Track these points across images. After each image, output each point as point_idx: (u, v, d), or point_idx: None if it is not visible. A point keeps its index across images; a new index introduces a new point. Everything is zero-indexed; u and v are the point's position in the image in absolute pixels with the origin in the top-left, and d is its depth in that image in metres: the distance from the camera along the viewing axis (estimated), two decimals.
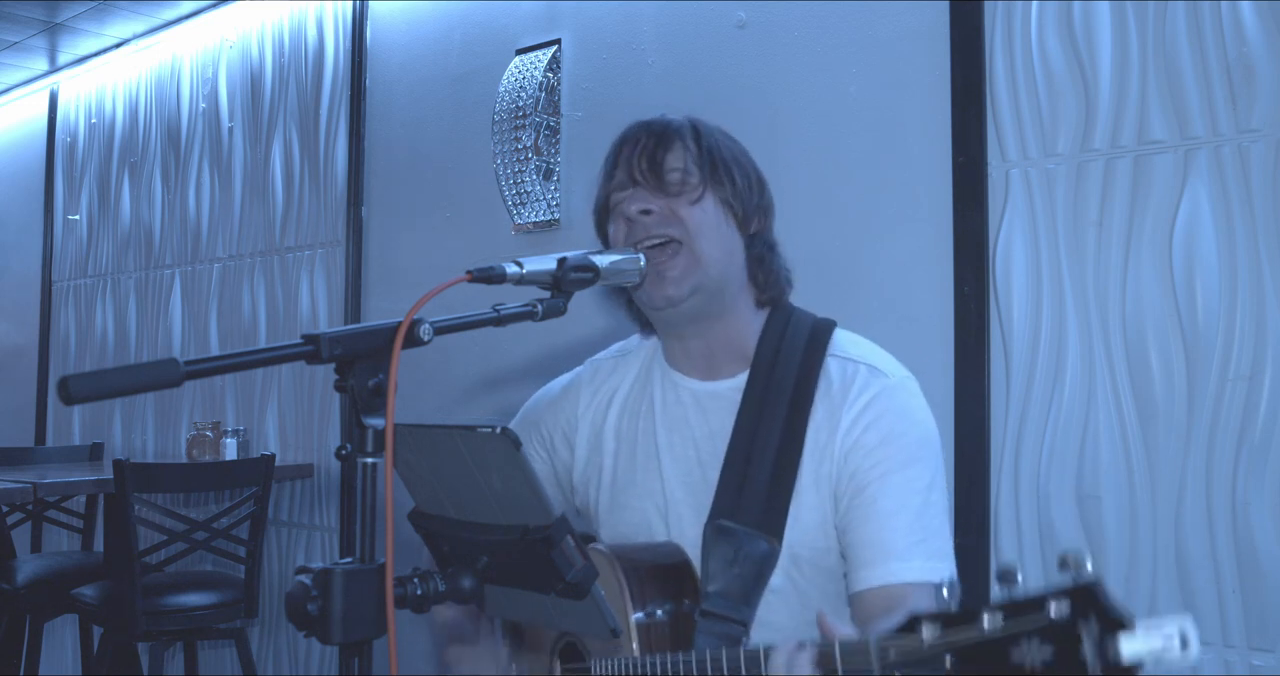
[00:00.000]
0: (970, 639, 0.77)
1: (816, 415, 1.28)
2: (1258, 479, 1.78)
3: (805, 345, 1.32)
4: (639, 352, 1.48)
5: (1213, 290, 1.84)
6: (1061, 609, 0.71)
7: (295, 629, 0.90)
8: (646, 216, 1.28)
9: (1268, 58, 1.80)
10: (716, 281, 1.29)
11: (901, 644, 0.83)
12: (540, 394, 1.55)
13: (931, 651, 0.79)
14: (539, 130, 2.85)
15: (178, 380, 0.83)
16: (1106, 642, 0.68)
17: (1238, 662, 1.77)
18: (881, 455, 1.24)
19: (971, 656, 0.77)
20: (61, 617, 3.78)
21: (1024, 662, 0.72)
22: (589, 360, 1.54)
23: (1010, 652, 0.74)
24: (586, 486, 1.45)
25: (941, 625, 0.79)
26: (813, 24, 2.37)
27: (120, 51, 4.37)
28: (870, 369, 1.30)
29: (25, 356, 4.85)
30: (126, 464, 2.78)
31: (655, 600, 1.21)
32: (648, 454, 1.38)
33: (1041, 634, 0.72)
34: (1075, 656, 0.70)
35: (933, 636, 0.80)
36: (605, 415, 1.44)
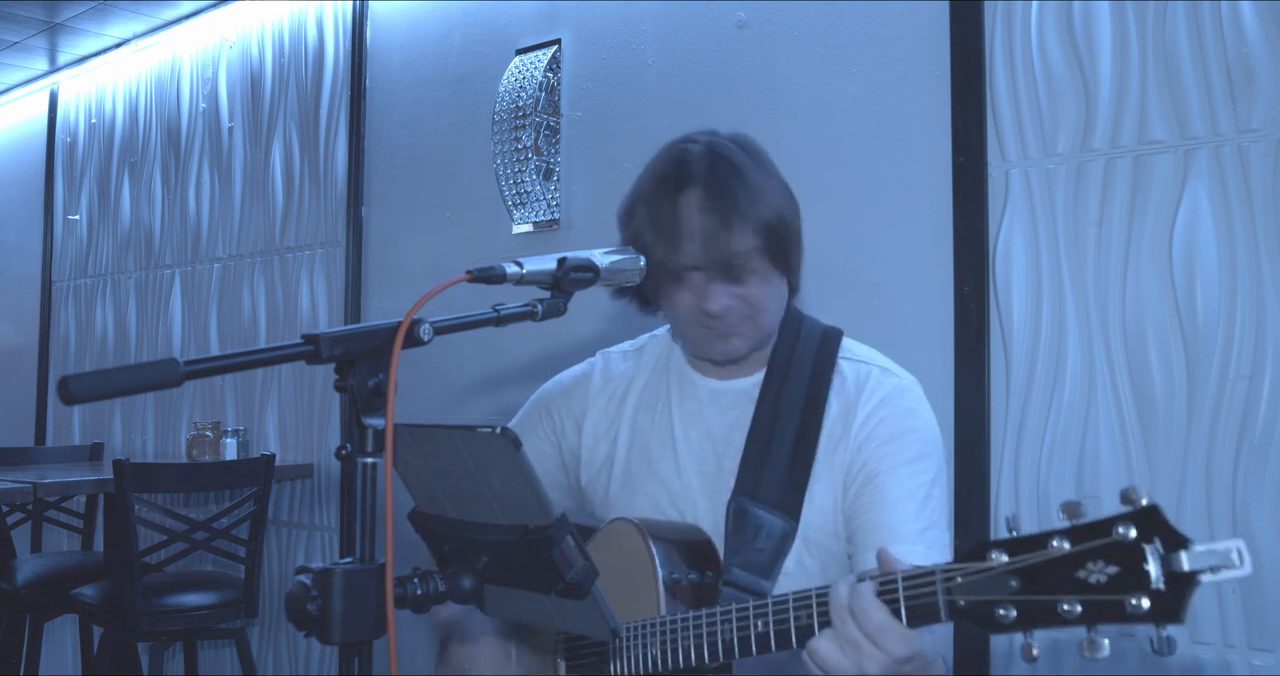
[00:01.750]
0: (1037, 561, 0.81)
1: (832, 409, 1.35)
2: (1258, 479, 1.78)
3: (818, 348, 1.40)
4: (653, 348, 1.52)
5: (1213, 290, 1.84)
6: (1128, 530, 0.76)
7: (295, 629, 0.90)
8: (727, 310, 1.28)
9: (1268, 58, 1.80)
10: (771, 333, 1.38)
11: (968, 569, 0.86)
12: (552, 382, 1.59)
13: (998, 575, 0.83)
14: (539, 130, 2.85)
15: (178, 380, 0.83)
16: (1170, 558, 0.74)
17: (1238, 662, 1.77)
18: (892, 448, 1.31)
19: (1037, 578, 0.81)
20: (61, 617, 3.78)
21: (1089, 580, 0.77)
22: (601, 351, 1.58)
23: (1075, 572, 0.78)
24: (595, 472, 1.50)
25: (1008, 550, 0.83)
26: (813, 24, 2.37)
27: (120, 51, 4.38)
28: (882, 370, 1.39)
29: (25, 356, 4.85)
30: (126, 464, 2.78)
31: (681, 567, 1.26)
32: (663, 445, 1.43)
33: (1107, 553, 0.77)
34: (1139, 571, 0.75)
35: (1000, 561, 0.84)
36: (621, 406, 1.49)
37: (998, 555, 0.84)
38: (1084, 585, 0.78)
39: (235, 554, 3.02)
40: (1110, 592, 0.76)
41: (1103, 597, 0.77)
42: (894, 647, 0.94)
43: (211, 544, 2.99)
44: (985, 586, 0.85)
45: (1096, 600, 0.77)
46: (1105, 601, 0.77)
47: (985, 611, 0.84)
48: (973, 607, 0.86)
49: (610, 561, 1.28)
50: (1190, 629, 1.82)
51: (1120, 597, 0.76)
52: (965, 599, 0.87)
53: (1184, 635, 1.82)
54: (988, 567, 0.84)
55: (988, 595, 0.84)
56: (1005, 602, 0.83)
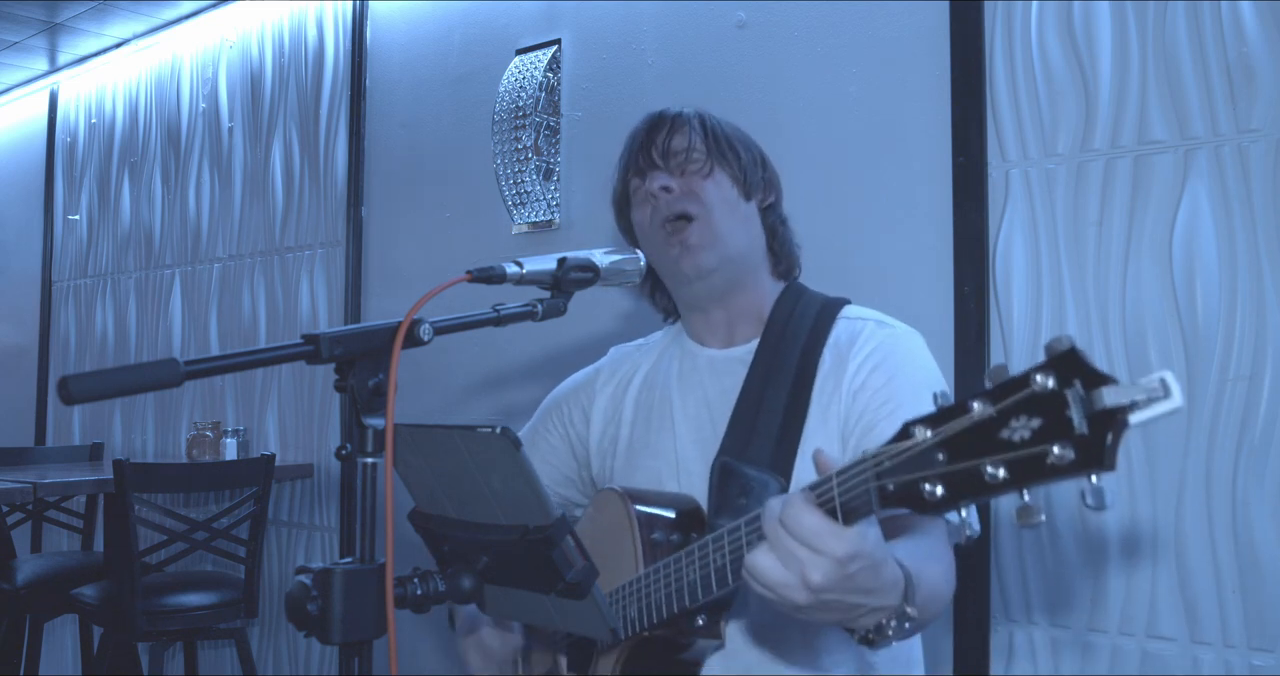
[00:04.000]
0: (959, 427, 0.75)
1: (824, 363, 1.34)
2: (1258, 479, 1.78)
3: (817, 312, 1.40)
4: (662, 339, 1.57)
5: (1213, 290, 1.84)
6: (1046, 379, 0.70)
7: (295, 629, 0.90)
8: (667, 193, 1.37)
9: (1268, 58, 1.80)
10: (739, 252, 1.39)
11: (894, 449, 0.81)
12: (565, 382, 1.63)
13: (924, 449, 0.78)
14: (539, 130, 2.85)
15: (178, 380, 0.83)
16: (1091, 397, 0.68)
17: (1238, 662, 1.77)
18: (888, 394, 1.28)
19: (962, 446, 0.75)
20: (61, 617, 3.79)
21: (1013, 438, 0.71)
22: (613, 347, 1.63)
23: (999, 432, 0.72)
24: (603, 455, 1.52)
25: (931, 424, 0.78)
26: (813, 24, 2.37)
27: (120, 51, 4.37)
28: (878, 322, 1.38)
29: (25, 356, 4.85)
30: (126, 464, 2.78)
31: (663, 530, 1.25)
32: (663, 417, 1.44)
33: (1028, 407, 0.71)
34: (1062, 418, 0.69)
35: (924, 436, 0.78)
36: (626, 390, 1.52)
37: (922, 431, 0.78)
38: (1007, 444, 0.71)
39: (235, 554, 3.02)
40: (1033, 446, 0.70)
41: (1025, 453, 0.70)
42: (833, 548, 0.87)
43: (211, 544, 2.99)
44: (913, 465, 0.79)
45: (1019, 457, 0.71)
46: (1028, 456, 0.70)
47: (914, 491, 0.79)
48: (900, 489, 0.80)
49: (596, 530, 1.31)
50: (1190, 628, 1.82)
51: (1043, 449, 0.69)
52: (893, 481, 0.81)
53: (1183, 633, 1.83)
54: (914, 445, 0.79)
55: (915, 473, 0.78)
56: (932, 478, 0.77)
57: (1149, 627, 1.86)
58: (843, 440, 1.30)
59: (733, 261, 1.39)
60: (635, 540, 1.23)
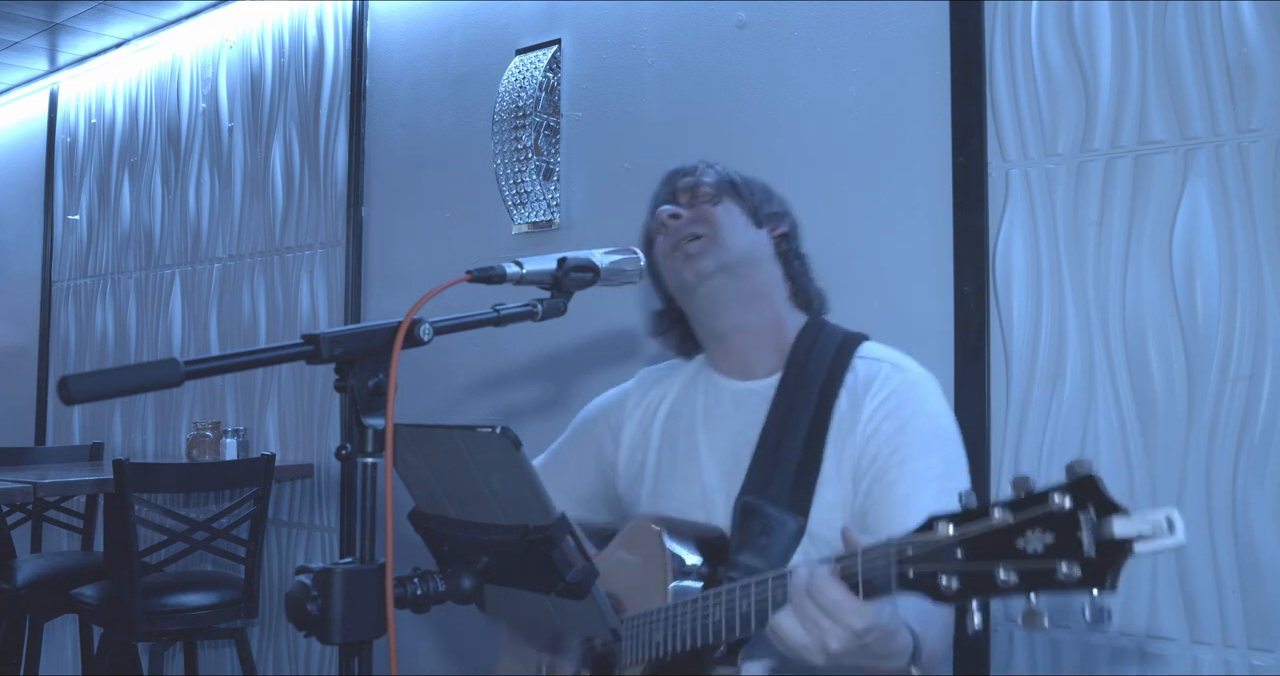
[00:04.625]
0: (980, 530, 0.84)
1: (841, 404, 1.38)
2: (1258, 479, 1.78)
3: (836, 349, 1.44)
4: (688, 367, 1.61)
5: (1213, 290, 1.84)
6: (1063, 500, 0.78)
7: (295, 629, 0.90)
8: (676, 220, 1.46)
9: (1268, 58, 1.80)
10: (741, 258, 1.44)
11: (918, 540, 0.89)
12: (596, 401, 1.69)
13: (945, 545, 0.87)
14: (539, 130, 2.85)
15: (178, 380, 0.83)
16: (1102, 525, 0.76)
17: (1238, 662, 1.77)
18: (899, 442, 1.32)
19: (980, 547, 0.84)
20: (61, 617, 3.78)
21: (1026, 549, 0.80)
22: (642, 370, 1.68)
23: (1015, 541, 0.81)
24: (630, 478, 1.57)
25: (955, 522, 0.87)
26: (813, 24, 2.37)
27: (120, 51, 4.37)
28: (894, 365, 1.41)
29: (25, 356, 4.85)
30: (126, 464, 2.78)
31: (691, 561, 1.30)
32: (689, 447, 1.49)
33: (1044, 522, 0.79)
34: (1072, 539, 0.77)
35: (946, 532, 0.87)
36: (654, 416, 1.57)
37: (944, 527, 0.87)
38: (1021, 554, 0.80)
39: (235, 554, 3.02)
40: (1044, 560, 0.78)
41: (1036, 565, 0.79)
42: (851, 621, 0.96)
43: (211, 544, 2.99)
44: (933, 557, 0.87)
45: (1031, 568, 0.79)
46: (1038, 569, 0.79)
47: (930, 581, 0.87)
48: (919, 577, 0.89)
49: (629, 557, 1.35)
50: (1190, 628, 1.82)
51: (1053, 564, 0.78)
52: (914, 569, 0.89)
53: (1183, 633, 1.83)
54: (936, 539, 0.87)
55: (934, 565, 0.87)
56: (949, 572, 0.86)
57: (1149, 627, 1.86)
58: (854, 483, 1.34)
59: (734, 268, 1.43)
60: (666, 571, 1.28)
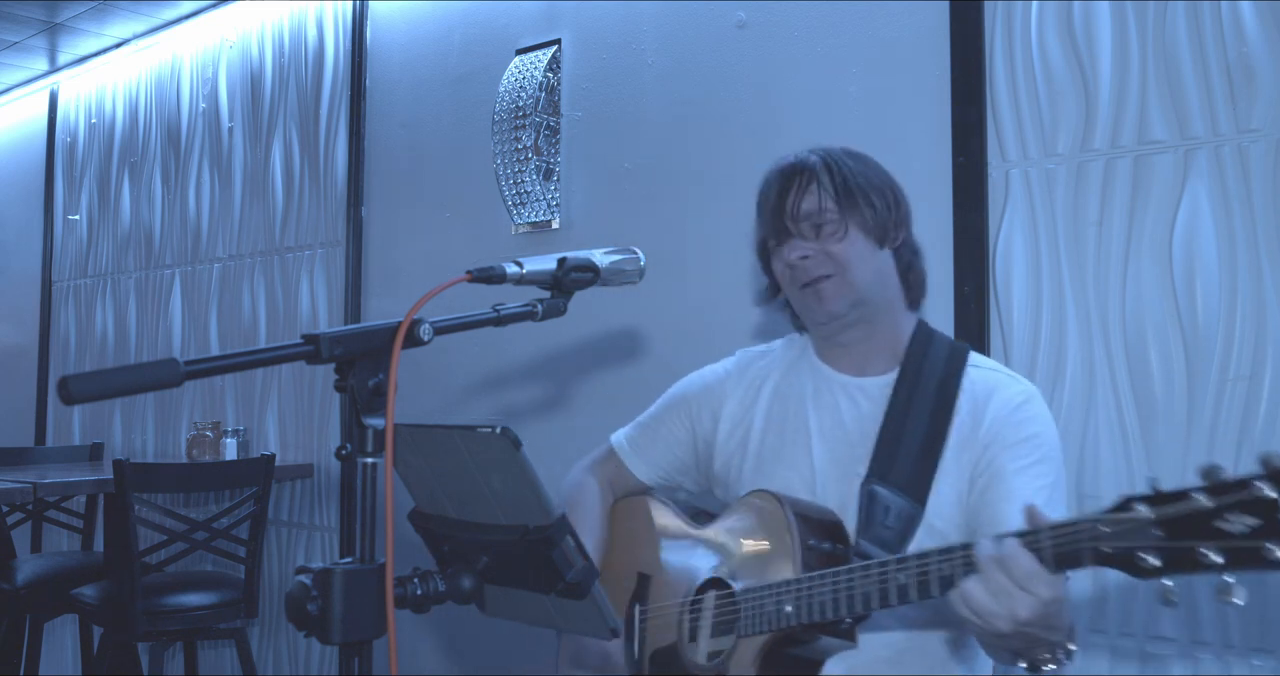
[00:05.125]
0: (1181, 511, 0.90)
1: (961, 409, 1.43)
2: None
3: (947, 356, 1.49)
4: (789, 347, 1.63)
5: (1213, 290, 1.84)
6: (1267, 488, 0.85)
7: (295, 629, 0.90)
8: (805, 261, 1.44)
9: (1268, 58, 1.80)
10: (870, 293, 1.46)
11: (1115, 518, 0.95)
12: (691, 377, 1.69)
13: (1141, 526, 0.92)
14: (539, 130, 2.85)
15: (178, 380, 0.83)
16: None
17: (1237, 663, 1.77)
18: (1019, 451, 1.38)
19: (1179, 528, 0.90)
20: (61, 617, 3.78)
21: (1230, 529, 0.87)
22: (739, 351, 1.69)
23: (1215, 523, 0.88)
24: (730, 455, 1.59)
25: (1151, 502, 0.93)
26: (813, 24, 2.37)
27: (120, 51, 4.37)
28: (1010, 377, 1.47)
29: (25, 356, 4.85)
30: (126, 464, 2.78)
31: (815, 537, 1.32)
32: (797, 431, 1.52)
33: (1245, 507, 0.86)
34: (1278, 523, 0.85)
35: (1144, 512, 0.93)
36: (756, 398, 1.58)
37: (1142, 507, 0.93)
38: (1224, 534, 0.87)
39: (235, 554, 3.02)
40: (1252, 541, 0.86)
41: (1245, 544, 0.87)
42: (1042, 591, 1.02)
43: (211, 544, 2.99)
44: (1129, 535, 0.93)
45: (1239, 547, 0.87)
46: (1247, 548, 0.87)
47: (1128, 557, 0.93)
48: (1117, 553, 0.95)
49: (748, 526, 1.38)
50: (1190, 629, 1.82)
51: (1261, 543, 0.85)
52: (1110, 545, 0.95)
53: (1183, 634, 1.82)
54: (1132, 518, 0.93)
55: (1132, 542, 0.93)
56: (1150, 549, 0.92)
57: (1149, 627, 1.86)
58: (971, 482, 1.39)
59: (864, 304, 1.46)
60: (794, 542, 1.30)
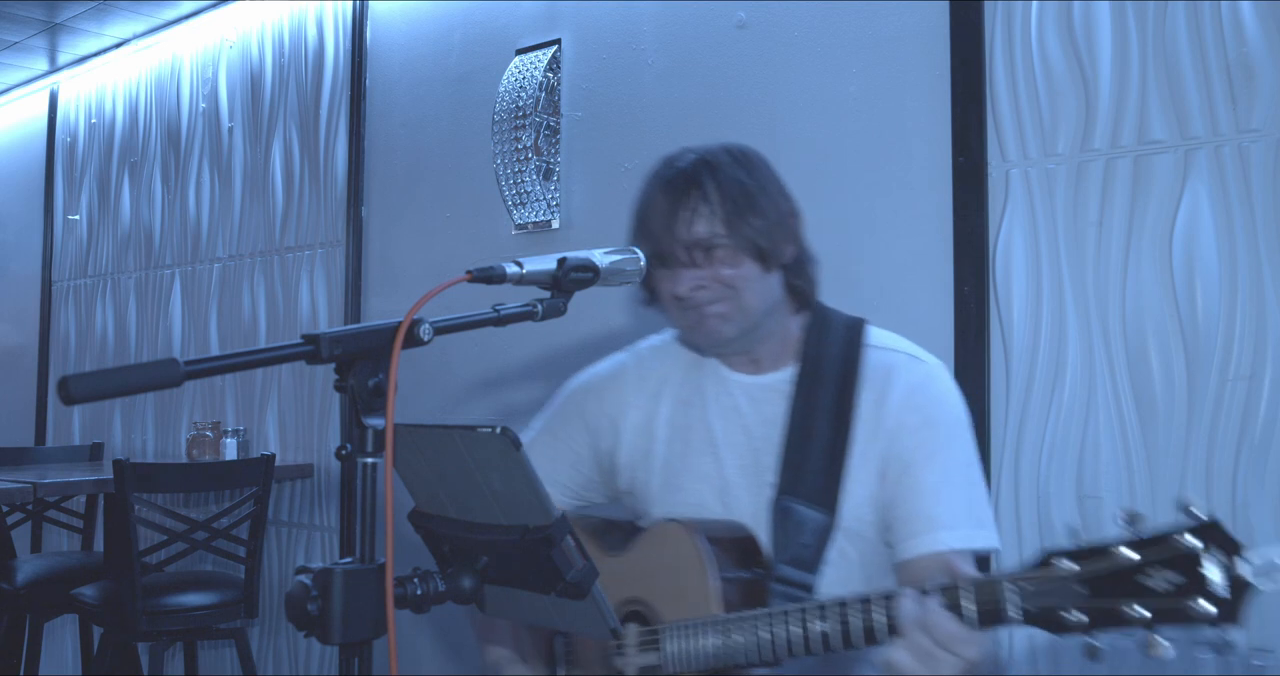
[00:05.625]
0: (1103, 569, 0.89)
1: (863, 399, 1.38)
2: (1258, 479, 1.78)
3: (844, 339, 1.44)
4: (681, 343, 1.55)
5: (1213, 290, 1.84)
6: (1191, 541, 0.85)
7: (295, 629, 0.90)
8: (698, 292, 1.37)
9: (1268, 58, 1.80)
10: (759, 319, 1.41)
11: (1038, 576, 0.94)
12: (582, 381, 1.61)
13: (1067, 581, 0.91)
14: (539, 130, 2.85)
15: (178, 380, 0.82)
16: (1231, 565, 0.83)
17: (1238, 662, 1.77)
18: (926, 435, 1.35)
19: (1103, 585, 0.89)
20: (61, 617, 3.78)
21: (1154, 587, 0.86)
22: (631, 348, 1.60)
23: (1140, 579, 0.87)
24: (634, 470, 1.53)
25: (1076, 559, 0.91)
26: (813, 24, 2.37)
27: (120, 51, 4.37)
28: (909, 356, 1.43)
29: (25, 356, 4.85)
30: (126, 464, 2.78)
31: (730, 567, 1.29)
32: (702, 441, 1.47)
33: (1168, 562, 0.85)
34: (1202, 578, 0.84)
35: (1068, 568, 0.92)
36: (657, 405, 1.52)
37: (1066, 564, 0.92)
38: (1149, 591, 0.87)
39: (235, 554, 3.02)
40: (1177, 598, 0.86)
41: (1170, 603, 0.86)
42: (967, 652, 1.02)
43: (211, 544, 2.99)
44: (1053, 592, 0.93)
45: (1164, 605, 0.86)
46: (1171, 606, 0.86)
47: (1053, 615, 0.93)
48: (1041, 612, 0.94)
49: (660, 561, 1.34)
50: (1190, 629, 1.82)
51: (1186, 602, 0.85)
52: (1034, 604, 0.94)
53: (1184, 634, 1.82)
54: (1056, 576, 0.92)
55: (1055, 600, 0.93)
56: (1075, 607, 0.92)
57: None
58: (882, 477, 1.36)
59: (754, 327, 1.41)
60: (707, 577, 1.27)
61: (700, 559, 1.28)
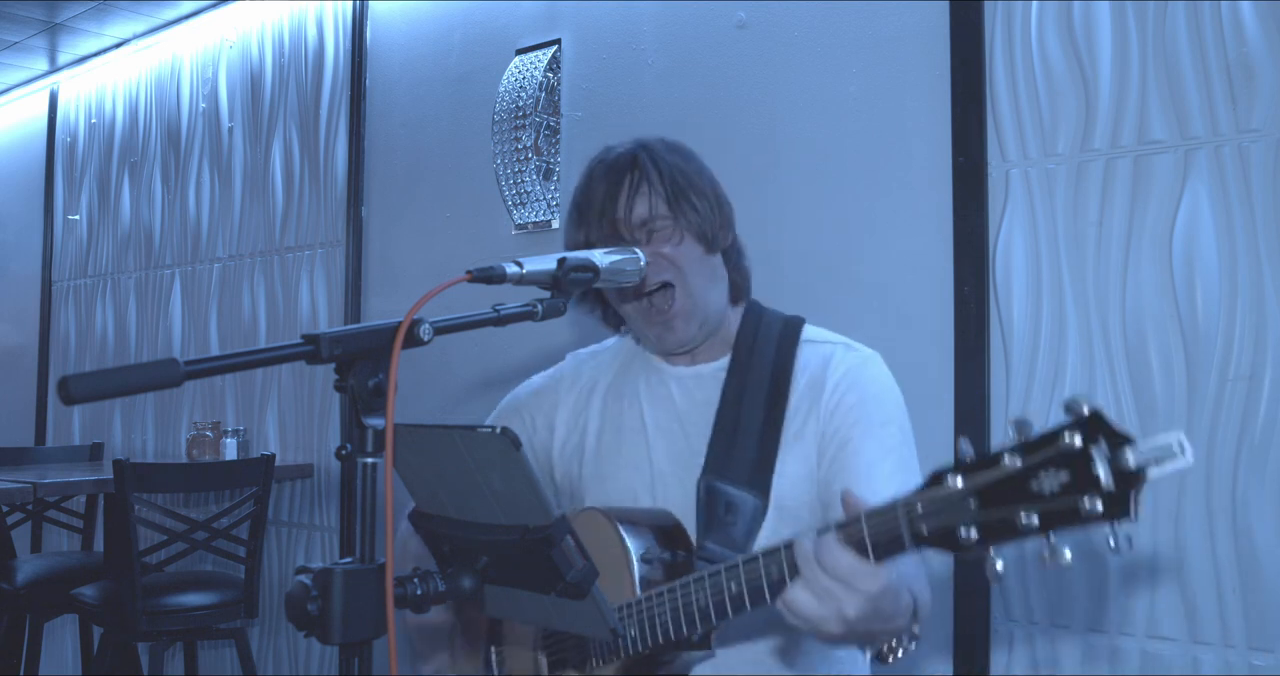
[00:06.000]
0: (992, 478, 0.84)
1: (798, 384, 1.40)
2: (1258, 479, 1.78)
3: (780, 331, 1.45)
4: (620, 346, 1.59)
5: (1213, 290, 1.84)
6: (1074, 438, 0.79)
7: (295, 629, 0.90)
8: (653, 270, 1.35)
9: (1268, 58, 1.80)
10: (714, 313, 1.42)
11: (928, 497, 0.89)
12: (522, 386, 1.64)
13: (958, 497, 0.86)
14: (539, 130, 2.85)
15: (178, 380, 0.83)
16: (1116, 456, 0.77)
17: (1238, 662, 1.77)
18: (860, 413, 1.35)
19: (994, 495, 0.84)
20: (61, 617, 3.78)
21: (1043, 490, 0.81)
22: (569, 354, 1.64)
23: (1029, 484, 0.82)
24: (568, 462, 1.54)
25: (963, 474, 0.87)
26: (813, 24, 2.37)
27: (120, 51, 4.37)
28: (845, 346, 1.44)
29: (25, 356, 4.85)
30: (126, 464, 2.78)
31: (654, 548, 1.28)
32: (634, 430, 1.47)
33: (1056, 462, 0.80)
34: (1089, 474, 0.78)
35: (956, 484, 0.87)
36: (589, 399, 1.54)
37: (954, 479, 0.87)
38: (1038, 496, 0.81)
39: (235, 554, 3.02)
40: (1064, 499, 0.79)
41: (1057, 504, 0.80)
42: (867, 585, 0.96)
43: (211, 544, 2.99)
44: (946, 511, 0.87)
45: (1051, 507, 0.80)
46: (1059, 507, 0.80)
47: (948, 534, 0.87)
48: (935, 533, 0.89)
49: None
50: (1190, 628, 1.82)
51: (1074, 501, 0.78)
52: (928, 525, 0.89)
53: (1183, 633, 1.83)
54: (946, 493, 0.87)
55: (949, 519, 0.87)
56: (967, 523, 0.86)
57: (1149, 627, 1.86)
58: (819, 455, 1.36)
59: (709, 326, 1.43)
60: (629, 559, 1.25)
61: (620, 541, 1.26)
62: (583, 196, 1.42)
